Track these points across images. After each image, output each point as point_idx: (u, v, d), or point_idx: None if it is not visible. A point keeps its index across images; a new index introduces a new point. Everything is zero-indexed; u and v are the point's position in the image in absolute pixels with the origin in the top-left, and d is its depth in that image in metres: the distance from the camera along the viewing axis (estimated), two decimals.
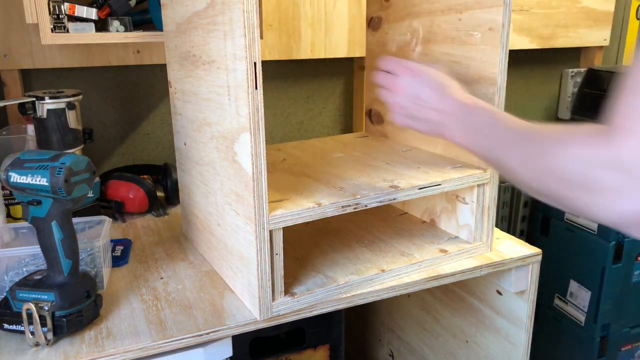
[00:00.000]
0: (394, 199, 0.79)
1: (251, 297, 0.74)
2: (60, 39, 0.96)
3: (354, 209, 0.76)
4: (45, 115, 0.99)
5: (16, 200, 0.98)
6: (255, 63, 0.63)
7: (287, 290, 0.75)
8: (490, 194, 0.88)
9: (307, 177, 0.84)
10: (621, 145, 0.46)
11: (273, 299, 0.73)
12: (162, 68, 1.28)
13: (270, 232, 0.70)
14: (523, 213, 1.84)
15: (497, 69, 0.82)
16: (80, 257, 0.74)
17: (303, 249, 0.89)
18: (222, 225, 0.79)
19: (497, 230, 0.95)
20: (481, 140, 0.68)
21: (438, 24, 0.91)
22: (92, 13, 0.99)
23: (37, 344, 0.67)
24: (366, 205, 0.77)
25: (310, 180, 0.82)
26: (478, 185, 0.87)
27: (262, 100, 0.64)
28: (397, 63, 0.79)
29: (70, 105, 1.01)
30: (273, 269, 0.72)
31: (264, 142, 0.65)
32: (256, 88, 0.63)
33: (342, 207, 0.75)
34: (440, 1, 0.90)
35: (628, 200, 0.45)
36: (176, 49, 0.86)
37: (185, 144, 0.90)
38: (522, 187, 0.60)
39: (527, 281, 0.92)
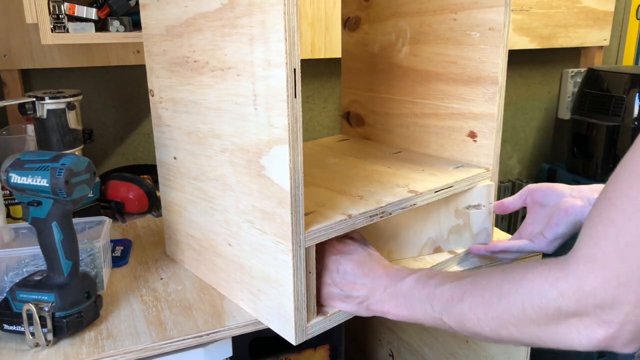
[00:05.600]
0: (414, 204, 0.77)
1: (283, 320, 0.69)
2: (60, 39, 0.96)
3: (380, 217, 0.73)
4: (45, 116, 0.99)
5: (16, 201, 0.98)
6: (295, 69, 0.58)
7: (319, 310, 0.72)
8: (492, 192, 0.88)
9: (317, 186, 0.81)
10: (580, 275, 0.45)
11: (308, 320, 0.69)
12: None
13: (306, 249, 0.65)
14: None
15: (499, 68, 0.82)
16: (81, 258, 0.73)
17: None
18: (237, 245, 0.74)
19: (497, 230, 0.95)
20: (421, 307, 0.63)
21: (429, 23, 0.90)
22: (92, 13, 0.99)
23: (37, 345, 0.67)
24: (391, 213, 0.74)
25: (323, 190, 0.79)
26: (486, 185, 0.87)
27: (301, 109, 0.60)
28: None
29: (70, 106, 1.01)
30: (308, 289, 0.67)
31: (302, 154, 0.61)
32: (295, 96, 0.59)
33: (370, 217, 0.72)
34: (431, 1, 0.89)
35: (599, 328, 0.45)
36: (165, 54, 0.79)
37: (175, 158, 0.83)
38: (489, 339, 0.56)
39: None
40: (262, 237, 0.68)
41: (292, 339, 0.68)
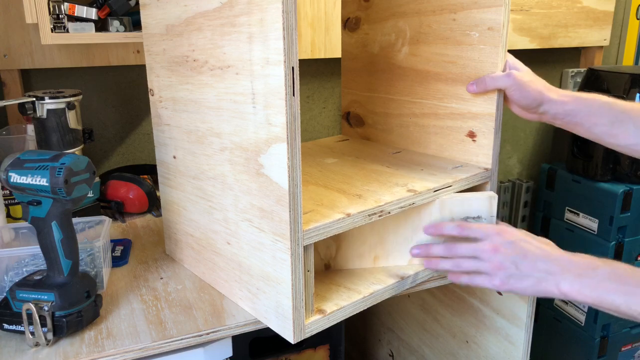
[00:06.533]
0: (413, 204, 0.77)
1: (281, 318, 0.69)
2: (60, 39, 0.96)
3: (379, 216, 0.73)
4: (45, 115, 0.99)
5: (16, 200, 0.98)
6: (293, 67, 0.58)
7: (317, 308, 0.72)
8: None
9: (316, 185, 0.81)
10: None
11: (306, 319, 0.69)
12: None
13: (304, 247, 0.66)
14: (523, 213, 1.84)
15: (498, 68, 0.82)
16: (80, 257, 0.74)
17: None
18: (235, 244, 0.74)
19: None
20: (613, 299, 0.67)
21: (428, 24, 0.90)
22: (92, 13, 0.99)
23: (37, 344, 0.67)
24: (389, 212, 0.74)
25: (321, 189, 0.79)
26: (484, 184, 0.87)
27: (299, 107, 0.61)
28: (481, 227, 0.77)
29: (70, 105, 1.01)
30: (306, 288, 0.67)
31: (300, 152, 0.62)
32: (294, 95, 0.59)
33: (369, 215, 0.72)
34: (430, 1, 0.89)
35: None
36: (164, 53, 0.80)
37: (175, 157, 0.83)
38: None
39: None
40: (260, 236, 0.68)
41: (290, 338, 0.68)
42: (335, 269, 0.82)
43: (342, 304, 0.73)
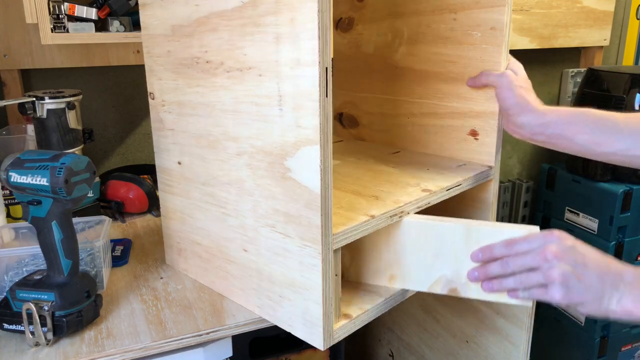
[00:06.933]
0: (428, 203, 0.76)
1: (309, 325, 0.67)
2: (60, 39, 0.96)
3: (399, 217, 0.72)
4: (45, 115, 0.99)
5: (16, 200, 0.98)
6: (327, 68, 0.57)
7: (342, 313, 0.70)
8: (495, 190, 0.88)
9: None
10: None
11: (334, 324, 0.67)
12: None
13: (333, 252, 0.63)
14: (523, 213, 1.84)
15: (501, 67, 0.82)
16: (80, 257, 0.74)
17: None
18: (254, 251, 0.71)
19: None
20: None
21: (427, 24, 0.90)
22: (92, 13, 0.99)
23: (37, 344, 0.67)
24: (408, 213, 0.73)
25: (335, 191, 0.77)
26: (489, 181, 0.87)
27: (332, 108, 0.59)
28: (530, 237, 0.67)
29: (70, 105, 1.01)
30: (335, 292, 0.66)
31: (332, 154, 0.60)
32: (327, 95, 0.57)
33: (390, 217, 0.71)
34: (429, 1, 0.89)
35: None
36: (169, 55, 0.77)
37: (179, 163, 0.80)
38: None
39: None
40: (285, 241, 0.66)
41: (320, 345, 0.66)
42: (350, 281, 0.80)
43: (366, 307, 0.72)
